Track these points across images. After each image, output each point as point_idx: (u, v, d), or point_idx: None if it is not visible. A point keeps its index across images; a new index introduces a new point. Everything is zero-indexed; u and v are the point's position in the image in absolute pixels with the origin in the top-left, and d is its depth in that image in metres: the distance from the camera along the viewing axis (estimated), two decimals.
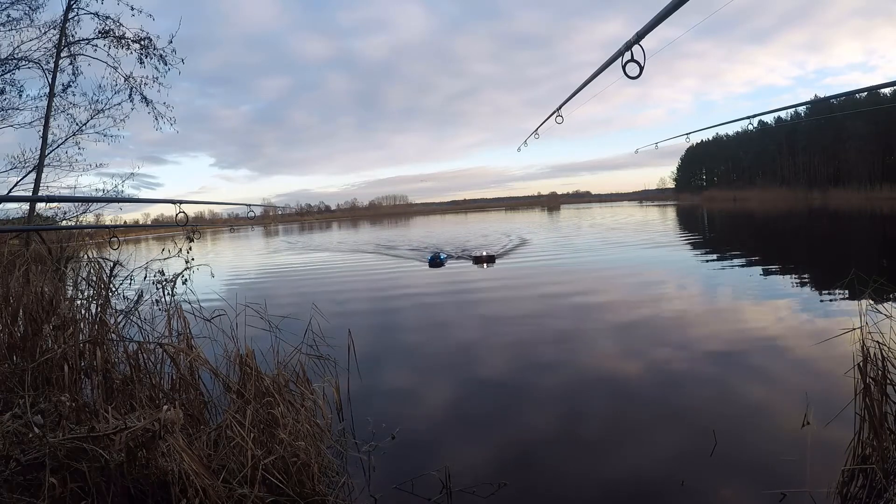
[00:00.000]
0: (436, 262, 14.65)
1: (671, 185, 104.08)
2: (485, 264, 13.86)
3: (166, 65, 9.63)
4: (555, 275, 12.16)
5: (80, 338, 3.44)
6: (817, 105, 38.75)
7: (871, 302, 3.16)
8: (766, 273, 10.97)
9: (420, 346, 6.63)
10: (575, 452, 3.58)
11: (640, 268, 12.50)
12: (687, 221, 32.79)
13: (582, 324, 7.21)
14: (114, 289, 3.98)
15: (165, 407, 2.54)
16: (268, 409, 2.99)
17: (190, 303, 3.89)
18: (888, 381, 2.80)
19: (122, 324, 3.71)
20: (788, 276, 10.56)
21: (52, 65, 9.42)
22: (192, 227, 4.56)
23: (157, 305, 3.97)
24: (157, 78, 9.68)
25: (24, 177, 9.43)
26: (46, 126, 9.40)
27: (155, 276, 4.14)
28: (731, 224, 30.16)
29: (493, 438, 3.83)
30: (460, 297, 10.08)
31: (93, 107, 9.84)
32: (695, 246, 17.31)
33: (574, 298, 9.11)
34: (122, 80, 9.66)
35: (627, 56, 1.86)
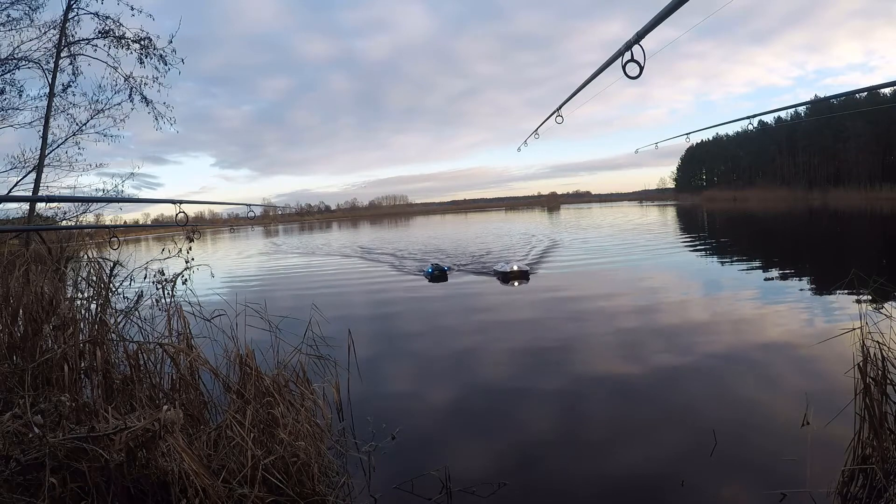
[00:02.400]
0: (437, 274, 11.62)
1: (671, 185, 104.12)
2: (516, 282, 10.59)
3: (166, 65, 9.64)
4: (568, 279, 12.07)
5: (80, 338, 3.43)
6: (817, 105, 38.77)
7: (871, 302, 3.16)
8: (766, 273, 10.97)
9: (420, 347, 6.63)
10: (575, 452, 3.58)
11: (642, 268, 12.50)
12: (688, 222, 32.80)
13: (581, 325, 7.21)
14: (114, 289, 3.97)
15: (165, 407, 2.54)
16: (268, 409, 2.99)
17: (190, 303, 3.89)
18: (888, 381, 2.80)
19: (122, 324, 3.70)
20: (788, 275, 10.57)
21: (52, 65, 9.43)
22: (192, 227, 4.55)
23: (157, 305, 3.96)
24: (157, 78, 9.70)
25: (24, 177, 9.44)
26: (46, 126, 9.40)
27: (155, 276, 4.12)
28: (732, 224, 30.15)
29: (493, 438, 3.84)
30: (463, 301, 10.06)
31: (93, 107, 9.85)
32: (695, 246, 17.31)
33: (573, 300, 9.10)
34: (122, 80, 9.68)
35: (627, 56, 1.86)
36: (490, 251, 17.85)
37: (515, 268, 11.01)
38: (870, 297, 5.58)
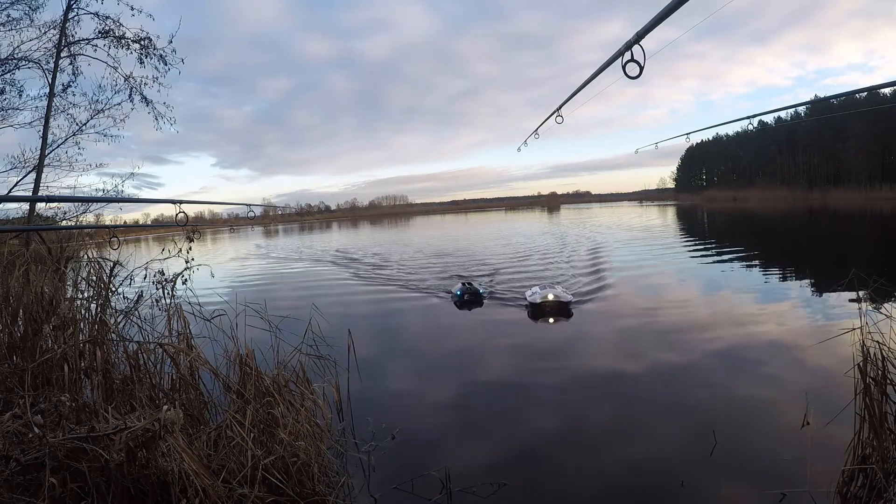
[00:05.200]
0: (469, 298, 8.85)
1: (671, 185, 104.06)
2: (550, 318, 7.46)
3: (166, 65, 9.63)
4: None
5: (80, 338, 3.43)
6: (817, 105, 38.68)
7: (871, 302, 3.16)
8: (766, 273, 10.97)
9: (420, 347, 6.63)
10: (574, 452, 3.59)
11: (641, 267, 12.48)
12: (699, 224, 32.79)
13: (580, 323, 7.21)
14: (114, 289, 3.97)
15: (165, 407, 2.54)
16: (268, 409, 2.99)
17: (190, 303, 3.89)
18: (888, 381, 2.80)
19: (122, 324, 3.70)
20: (789, 276, 10.57)
21: (52, 65, 9.42)
22: (192, 227, 4.55)
23: (157, 305, 3.96)
24: (157, 78, 9.68)
25: (24, 177, 9.43)
26: (46, 126, 9.39)
27: (155, 276, 4.13)
28: (736, 225, 30.14)
29: (493, 438, 3.84)
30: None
31: (93, 107, 9.84)
32: (695, 246, 17.31)
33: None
34: (122, 80, 9.67)
35: (627, 56, 1.85)
36: (529, 254, 15.55)
37: (551, 297, 7.78)
38: (870, 297, 5.59)
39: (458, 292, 9.10)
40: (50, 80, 9.43)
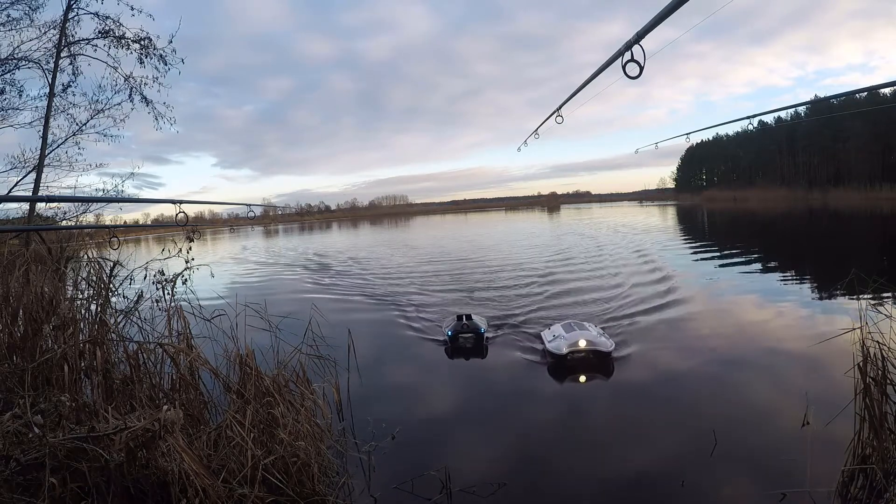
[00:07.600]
0: (466, 340, 6.39)
1: (671, 185, 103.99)
2: (582, 376, 5.16)
3: (166, 65, 9.60)
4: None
5: (80, 338, 3.43)
6: (817, 105, 38.68)
7: (871, 302, 3.16)
8: (766, 273, 10.97)
9: (419, 347, 6.62)
10: (575, 452, 3.58)
11: (640, 266, 12.46)
12: (689, 222, 32.75)
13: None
14: (114, 289, 3.97)
15: (165, 407, 2.54)
16: (268, 409, 2.99)
17: (190, 303, 3.89)
18: (888, 381, 2.80)
19: (122, 324, 3.70)
20: (789, 276, 10.57)
21: (52, 65, 9.41)
22: (192, 227, 4.55)
23: (157, 305, 3.96)
24: (157, 78, 9.66)
25: (24, 177, 9.42)
26: (46, 126, 9.39)
27: (155, 276, 4.13)
28: (733, 224, 30.13)
29: (493, 438, 3.84)
30: None
31: (93, 107, 9.81)
32: (695, 246, 17.30)
33: (572, 295, 9.09)
34: (122, 80, 9.65)
35: (627, 56, 1.85)
36: (570, 254, 13.92)
37: (582, 343, 5.40)
38: (870, 297, 5.60)
39: (450, 332, 6.53)
40: (50, 80, 9.42)
